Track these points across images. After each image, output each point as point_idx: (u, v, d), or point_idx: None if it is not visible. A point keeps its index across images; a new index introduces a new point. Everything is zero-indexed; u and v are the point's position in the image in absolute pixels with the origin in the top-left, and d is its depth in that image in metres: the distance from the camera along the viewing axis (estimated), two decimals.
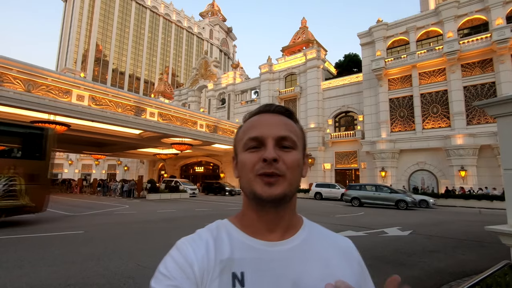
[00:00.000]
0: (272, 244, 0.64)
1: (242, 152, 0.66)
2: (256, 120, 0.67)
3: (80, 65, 74.16)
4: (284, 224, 0.66)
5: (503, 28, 21.61)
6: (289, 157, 0.63)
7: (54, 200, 20.32)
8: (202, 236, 0.66)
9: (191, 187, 28.19)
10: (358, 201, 18.46)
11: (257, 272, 0.60)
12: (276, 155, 0.61)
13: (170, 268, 0.60)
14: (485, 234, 7.64)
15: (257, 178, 0.61)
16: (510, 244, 2.66)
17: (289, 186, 0.62)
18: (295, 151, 0.65)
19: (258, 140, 0.63)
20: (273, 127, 0.64)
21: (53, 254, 5.65)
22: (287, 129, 0.65)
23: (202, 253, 0.61)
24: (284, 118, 0.68)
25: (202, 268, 0.60)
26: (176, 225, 9.69)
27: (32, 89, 16.41)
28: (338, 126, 32.68)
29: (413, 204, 17.06)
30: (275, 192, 0.60)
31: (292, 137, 0.65)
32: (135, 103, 22.02)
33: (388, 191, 18.14)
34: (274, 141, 0.63)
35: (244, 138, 0.66)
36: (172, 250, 0.64)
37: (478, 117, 22.93)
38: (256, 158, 0.62)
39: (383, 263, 5.36)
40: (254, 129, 0.65)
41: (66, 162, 53.44)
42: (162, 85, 56.76)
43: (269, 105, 0.69)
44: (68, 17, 77.44)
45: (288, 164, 0.62)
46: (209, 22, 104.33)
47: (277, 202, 0.62)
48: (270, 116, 0.67)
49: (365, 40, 29.48)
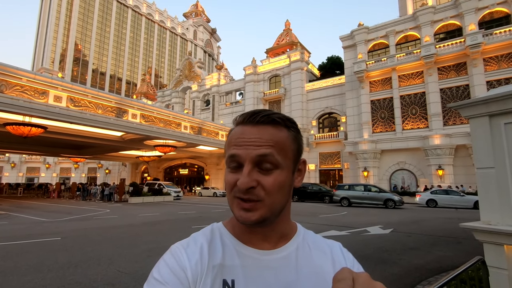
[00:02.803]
0: (265, 252, 0.63)
1: (227, 167, 0.63)
2: (238, 135, 0.62)
3: (58, 65, 71.46)
4: (276, 234, 0.66)
5: (476, 34, 22.70)
6: (268, 180, 0.58)
7: (30, 206, 19.43)
8: (197, 240, 0.65)
9: (175, 190, 27.72)
10: (348, 201, 18.66)
11: (248, 280, 0.59)
12: (251, 182, 0.57)
13: (163, 273, 0.58)
14: (461, 231, 7.97)
15: (234, 200, 0.59)
16: (483, 240, 2.77)
17: (270, 210, 0.59)
18: (278, 171, 0.59)
19: (235, 160, 0.60)
20: (251, 146, 0.59)
21: (27, 262, 5.38)
22: (269, 146, 0.59)
23: (196, 258, 0.60)
24: (270, 130, 0.61)
25: (195, 274, 0.59)
26: (158, 229, 9.48)
27: (4, 90, 15.60)
28: (322, 127, 33.19)
29: (400, 203, 17.42)
30: (251, 218, 0.58)
31: (274, 155, 0.59)
32: (117, 105, 21.42)
33: (377, 190, 18.49)
34: (251, 164, 0.58)
35: (227, 153, 0.63)
36: (166, 255, 0.62)
37: (454, 118, 23.94)
38: (235, 179, 0.59)
39: (365, 261, 5.46)
40: (232, 150, 0.61)
41: (43, 165, 51.29)
42: (145, 86, 55.61)
43: (255, 114, 0.62)
44: (45, 14, 74.37)
45: (267, 188, 0.58)
46: (193, 23, 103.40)
47: (257, 225, 0.60)
48: (253, 130, 0.61)
49: (347, 43, 30.14)
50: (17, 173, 50.01)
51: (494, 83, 22.40)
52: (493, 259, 2.69)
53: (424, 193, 19.50)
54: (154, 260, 0.62)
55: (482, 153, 2.93)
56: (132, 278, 4.50)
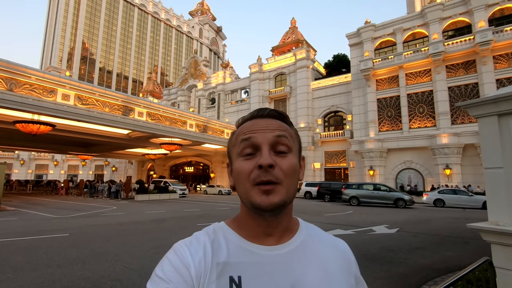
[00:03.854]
0: (270, 248, 0.64)
1: (237, 159, 0.64)
2: (250, 125, 0.65)
3: (65, 64, 72.30)
4: (281, 229, 0.66)
5: (485, 31, 22.28)
6: (285, 162, 0.61)
7: (39, 202, 19.78)
8: (200, 239, 0.65)
9: (181, 188, 27.91)
10: (357, 200, 18.47)
11: (255, 276, 0.60)
12: (272, 160, 0.60)
13: (167, 271, 0.59)
14: (468, 231, 7.87)
15: (254, 188, 0.60)
16: (491, 241, 2.74)
17: (287, 193, 0.61)
18: (291, 155, 0.63)
19: (252, 145, 0.62)
20: (267, 132, 0.63)
21: (37, 258, 5.49)
22: (282, 130, 0.64)
23: (200, 256, 0.61)
24: (278, 121, 0.66)
25: (199, 272, 0.59)
26: (164, 226, 9.58)
27: (14, 88, 15.88)
28: (328, 125, 33.00)
29: (411, 203, 17.13)
30: (273, 200, 0.59)
31: (288, 139, 0.64)
32: (123, 103, 21.63)
33: (387, 189, 18.25)
34: (269, 146, 0.61)
35: (238, 144, 0.64)
36: (169, 253, 0.63)
37: (462, 117, 23.58)
38: (252, 165, 0.61)
39: (371, 261, 5.45)
40: (248, 135, 0.64)
41: (52, 163, 52.08)
42: (151, 84, 55.97)
43: (263, 109, 0.68)
44: (53, 13, 75.29)
45: (284, 170, 0.61)
46: (198, 21, 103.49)
47: (276, 210, 0.61)
48: (264, 121, 0.65)
49: (354, 41, 29.86)
50: (26, 170, 50.93)
51: (504, 82, 21.98)
52: (501, 260, 2.66)
53: (432, 193, 19.26)
54: (161, 257, 0.63)
55: (490, 152, 2.90)
56: (139, 275, 4.57)
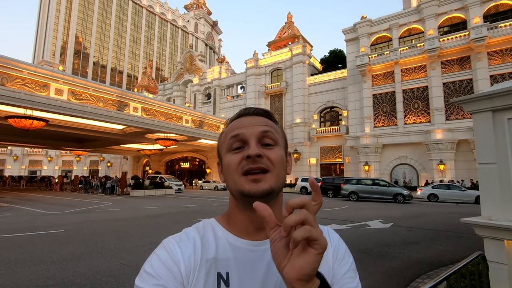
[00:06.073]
0: (258, 243, 0.64)
1: (226, 154, 0.66)
2: (237, 123, 0.68)
3: (58, 58, 71.15)
4: None
5: (480, 27, 22.38)
6: (272, 153, 0.64)
7: (33, 198, 19.59)
8: (190, 235, 0.65)
9: (177, 183, 27.85)
10: (356, 195, 18.57)
11: (242, 272, 0.60)
12: (259, 151, 0.62)
13: (156, 267, 0.58)
14: (461, 225, 7.99)
15: (243, 177, 0.61)
16: (484, 235, 2.78)
17: (276, 181, 0.62)
18: (278, 148, 0.66)
19: (240, 139, 0.65)
20: (254, 126, 0.66)
21: (31, 254, 5.45)
22: (268, 126, 0.67)
23: (189, 252, 0.61)
24: (264, 119, 0.70)
25: (188, 268, 0.59)
26: (160, 222, 9.57)
27: (6, 83, 15.59)
28: (323, 121, 33.06)
29: (410, 197, 17.32)
30: (262, 187, 0.60)
31: (273, 133, 0.66)
32: (118, 98, 21.39)
33: (386, 184, 18.43)
34: (256, 139, 0.64)
35: (227, 140, 0.67)
36: (158, 249, 0.63)
37: (456, 112, 23.78)
38: (240, 157, 0.63)
39: (365, 255, 5.51)
40: (236, 131, 0.66)
41: (46, 158, 51.49)
42: (146, 79, 55.40)
43: (248, 108, 0.72)
44: (45, 5, 73.73)
45: (272, 159, 0.63)
46: (194, 15, 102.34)
47: (265, 198, 0.61)
48: (250, 118, 0.69)
49: (350, 36, 29.81)
50: (19, 166, 50.30)
51: (498, 78, 22.16)
52: (494, 254, 2.70)
53: (426, 188, 19.50)
54: None
55: (484, 148, 2.92)
56: (135, 271, 4.56)
